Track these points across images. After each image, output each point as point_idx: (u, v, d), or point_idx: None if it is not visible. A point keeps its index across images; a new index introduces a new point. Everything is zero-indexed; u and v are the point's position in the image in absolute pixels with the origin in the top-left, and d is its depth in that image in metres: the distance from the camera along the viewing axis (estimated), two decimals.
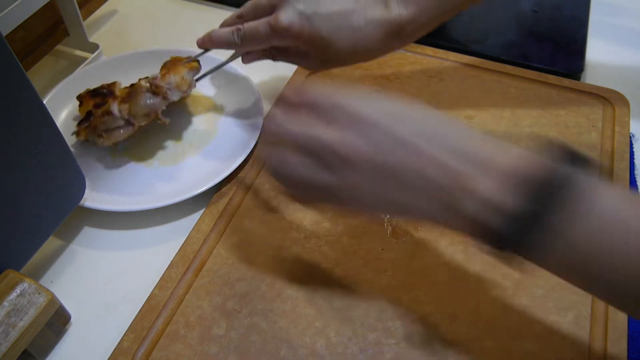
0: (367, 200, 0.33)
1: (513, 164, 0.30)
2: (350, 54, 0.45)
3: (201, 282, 0.42)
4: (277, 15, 0.43)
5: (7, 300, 0.36)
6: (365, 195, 0.33)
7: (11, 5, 0.48)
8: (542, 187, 0.28)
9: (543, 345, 0.38)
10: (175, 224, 0.47)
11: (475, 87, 0.57)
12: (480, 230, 0.30)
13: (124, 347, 0.38)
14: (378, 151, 0.31)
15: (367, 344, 0.39)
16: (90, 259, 0.45)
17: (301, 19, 0.43)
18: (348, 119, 0.32)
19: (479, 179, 0.29)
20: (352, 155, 0.32)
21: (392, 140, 0.31)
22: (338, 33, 0.43)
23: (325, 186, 0.33)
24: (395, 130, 0.32)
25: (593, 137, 0.52)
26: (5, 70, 0.35)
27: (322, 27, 0.43)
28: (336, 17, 0.43)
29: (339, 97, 0.34)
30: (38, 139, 0.39)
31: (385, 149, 0.31)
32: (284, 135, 0.34)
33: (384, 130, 0.32)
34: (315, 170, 0.33)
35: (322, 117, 0.33)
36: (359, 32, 0.43)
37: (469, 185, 0.30)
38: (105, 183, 0.49)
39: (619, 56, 0.62)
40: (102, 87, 0.53)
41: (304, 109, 0.34)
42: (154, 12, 0.70)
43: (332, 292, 0.41)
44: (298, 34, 0.43)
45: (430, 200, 0.31)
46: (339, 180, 0.32)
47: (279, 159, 0.35)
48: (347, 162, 0.32)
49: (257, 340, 0.39)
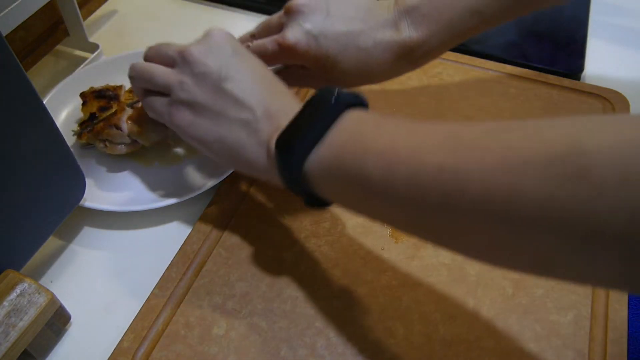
0: (197, 124, 0.39)
1: (291, 100, 0.38)
2: (357, 75, 0.45)
3: (201, 282, 0.42)
4: (284, 33, 0.43)
5: (7, 300, 0.36)
6: (195, 120, 0.39)
7: (11, 5, 0.48)
8: (308, 106, 0.35)
9: (543, 345, 0.38)
10: (175, 224, 0.47)
11: (475, 87, 0.57)
12: (271, 159, 0.36)
13: (124, 347, 0.38)
14: (203, 87, 0.39)
15: (367, 344, 0.39)
16: (90, 259, 0.45)
17: (308, 37, 0.43)
18: (186, 64, 0.40)
19: (268, 112, 0.37)
20: (186, 85, 0.39)
21: (211, 82, 0.39)
22: (345, 53, 0.43)
23: (170, 111, 0.40)
24: (214, 76, 0.39)
25: None
26: (5, 70, 0.35)
27: (329, 47, 0.43)
28: (343, 38, 0.43)
29: (184, 48, 0.40)
30: (38, 139, 0.39)
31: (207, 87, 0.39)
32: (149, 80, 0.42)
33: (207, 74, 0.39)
34: (165, 100, 0.41)
35: (168, 64, 0.41)
36: (366, 54, 0.43)
37: (258, 132, 0.37)
38: (105, 183, 0.49)
39: (619, 56, 0.62)
40: (107, 88, 0.52)
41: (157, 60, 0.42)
42: (154, 12, 0.70)
43: (332, 292, 0.41)
44: (304, 52, 0.43)
45: (240, 128, 0.38)
46: (176, 102, 0.40)
47: (148, 99, 0.42)
48: (182, 89, 0.39)
49: (257, 340, 0.39)
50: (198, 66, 0.39)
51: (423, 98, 0.56)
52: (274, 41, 0.44)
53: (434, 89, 0.57)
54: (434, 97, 0.56)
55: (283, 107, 0.38)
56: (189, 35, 0.40)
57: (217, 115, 0.38)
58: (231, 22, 0.68)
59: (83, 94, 0.52)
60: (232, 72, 0.39)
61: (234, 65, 0.39)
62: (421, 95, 0.56)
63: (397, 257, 0.43)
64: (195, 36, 0.50)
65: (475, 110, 0.54)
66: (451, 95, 0.56)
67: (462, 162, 0.26)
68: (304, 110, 0.35)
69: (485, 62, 0.59)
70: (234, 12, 0.69)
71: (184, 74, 0.40)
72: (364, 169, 0.30)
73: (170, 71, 0.41)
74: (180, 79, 0.40)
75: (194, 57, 0.39)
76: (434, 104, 0.55)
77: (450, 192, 0.26)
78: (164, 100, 0.41)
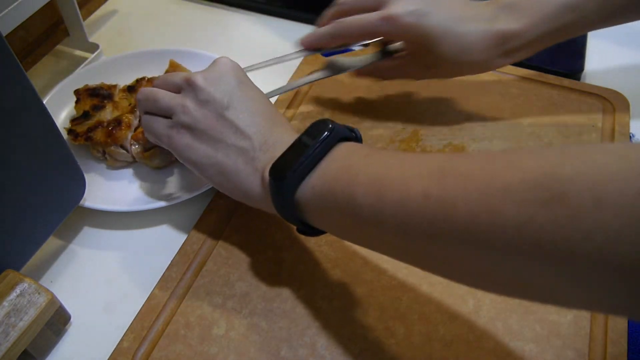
0: (196, 148, 0.40)
1: (289, 132, 0.39)
2: (452, 61, 0.46)
3: (201, 282, 0.42)
4: (389, 8, 0.45)
5: (7, 300, 0.36)
6: (194, 144, 0.40)
7: (11, 5, 0.48)
8: (299, 141, 0.36)
9: (543, 345, 0.38)
10: (175, 224, 0.47)
11: (475, 87, 0.57)
12: (265, 190, 0.37)
13: (124, 347, 0.38)
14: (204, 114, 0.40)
15: (367, 344, 0.39)
16: (90, 259, 0.45)
17: (412, 15, 0.44)
18: (191, 91, 0.41)
19: (264, 144, 0.38)
20: (189, 110, 0.40)
21: (213, 110, 0.40)
22: (444, 37, 0.44)
23: (170, 134, 0.41)
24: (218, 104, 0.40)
25: (593, 137, 0.52)
26: (5, 70, 0.35)
27: (432, 28, 0.44)
28: (444, 22, 0.44)
29: (188, 76, 0.41)
30: (38, 139, 0.39)
31: (208, 115, 0.40)
32: (151, 104, 0.43)
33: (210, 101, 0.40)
34: (166, 122, 0.41)
35: (172, 89, 0.42)
36: (464, 39, 0.44)
37: (254, 161, 0.38)
38: (105, 183, 0.49)
39: (619, 56, 0.62)
40: (102, 87, 0.53)
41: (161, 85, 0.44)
42: (154, 12, 0.70)
43: (332, 292, 0.41)
44: (408, 27, 0.44)
45: (237, 156, 0.39)
46: (177, 125, 0.41)
47: (148, 119, 0.43)
48: (184, 112, 0.40)
49: (257, 340, 0.39)
50: (202, 93, 0.40)
51: (423, 98, 0.56)
52: (378, 14, 0.45)
53: (434, 89, 0.57)
54: (434, 97, 0.56)
55: (280, 138, 0.38)
56: (189, 35, 0.40)
57: (216, 142, 0.39)
58: (231, 22, 0.68)
59: (77, 91, 0.52)
60: (235, 102, 0.40)
61: (237, 95, 0.40)
62: (421, 95, 0.56)
63: None
64: (196, 36, 0.50)
65: (475, 110, 0.54)
66: (451, 95, 0.56)
67: (447, 190, 0.27)
68: (299, 140, 0.36)
69: None
70: (234, 12, 0.70)
71: (188, 99, 0.41)
72: (354, 198, 0.31)
73: (175, 95, 0.42)
74: (183, 102, 0.40)
75: (199, 84, 0.40)
76: (434, 104, 0.55)
77: (436, 218, 0.27)
78: (164, 122, 0.42)
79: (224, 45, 0.64)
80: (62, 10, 0.59)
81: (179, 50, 0.58)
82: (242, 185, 0.39)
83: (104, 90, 0.52)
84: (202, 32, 0.67)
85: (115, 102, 0.52)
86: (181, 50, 0.58)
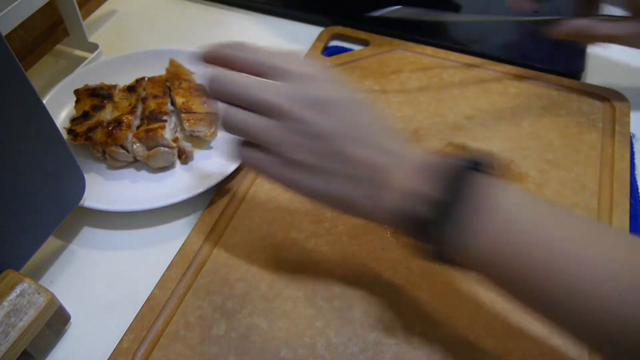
0: (306, 181, 0.34)
1: (421, 159, 0.33)
2: None
3: (201, 282, 0.42)
4: None
5: (7, 301, 0.36)
6: (302, 167, 0.34)
7: (11, 5, 0.48)
8: (450, 176, 0.31)
9: (543, 345, 0.38)
10: (175, 224, 0.47)
11: (475, 87, 0.57)
12: (400, 220, 0.32)
13: (124, 347, 0.38)
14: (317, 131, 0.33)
15: (367, 344, 0.39)
16: (90, 259, 0.45)
17: None
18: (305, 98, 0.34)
19: (394, 171, 0.32)
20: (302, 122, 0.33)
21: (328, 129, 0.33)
22: None
23: (268, 134, 0.34)
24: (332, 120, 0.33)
25: (593, 137, 0.52)
26: (5, 70, 0.35)
27: None
28: None
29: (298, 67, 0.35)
30: (38, 139, 0.39)
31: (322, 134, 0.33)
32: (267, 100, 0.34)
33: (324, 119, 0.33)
34: (259, 120, 0.34)
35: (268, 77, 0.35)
36: None
37: (386, 178, 0.33)
38: (105, 183, 0.49)
39: (619, 56, 0.62)
40: (101, 87, 0.53)
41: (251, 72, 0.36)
42: (154, 12, 0.70)
43: (332, 292, 0.41)
44: None
45: (355, 188, 0.33)
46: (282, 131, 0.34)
47: (242, 148, 0.36)
48: (297, 120, 0.33)
49: (257, 340, 0.39)
50: (311, 126, 0.33)
51: (423, 98, 0.56)
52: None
53: (434, 89, 0.57)
54: (434, 97, 0.56)
55: (411, 159, 0.33)
56: (189, 35, 0.40)
57: (328, 176, 0.34)
58: (231, 22, 0.68)
59: (77, 91, 0.52)
60: (349, 130, 0.33)
61: (349, 121, 0.34)
62: (421, 95, 0.56)
63: (397, 257, 0.43)
64: (195, 36, 0.50)
65: (475, 110, 0.54)
66: (451, 95, 0.56)
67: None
68: (451, 185, 0.31)
69: (485, 61, 0.59)
70: (234, 12, 0.69)
71: (292, 133, 0.34)
72: (526, 264, 0.30)
73: (274, 126, 0.34)
74: (287, 138, 0.34)
75: (305, 117, 0.33)
76: (434, 104, 0.55)
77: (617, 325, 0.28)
78: (262, 156, 0.35)
79: None
80: (61, 10, 0.59)
81: (179, 50, 0.58)
82: (357, 208, 0.34)
83: (104, 90, 0.52)
84: (202, 32, 0.67)
85: (115, 102, 0.52)
86: (181, 50, 0.58)
